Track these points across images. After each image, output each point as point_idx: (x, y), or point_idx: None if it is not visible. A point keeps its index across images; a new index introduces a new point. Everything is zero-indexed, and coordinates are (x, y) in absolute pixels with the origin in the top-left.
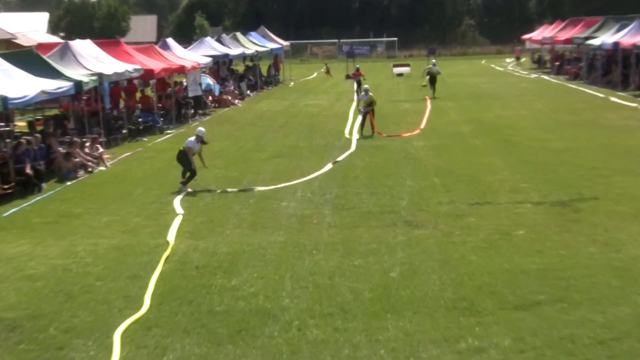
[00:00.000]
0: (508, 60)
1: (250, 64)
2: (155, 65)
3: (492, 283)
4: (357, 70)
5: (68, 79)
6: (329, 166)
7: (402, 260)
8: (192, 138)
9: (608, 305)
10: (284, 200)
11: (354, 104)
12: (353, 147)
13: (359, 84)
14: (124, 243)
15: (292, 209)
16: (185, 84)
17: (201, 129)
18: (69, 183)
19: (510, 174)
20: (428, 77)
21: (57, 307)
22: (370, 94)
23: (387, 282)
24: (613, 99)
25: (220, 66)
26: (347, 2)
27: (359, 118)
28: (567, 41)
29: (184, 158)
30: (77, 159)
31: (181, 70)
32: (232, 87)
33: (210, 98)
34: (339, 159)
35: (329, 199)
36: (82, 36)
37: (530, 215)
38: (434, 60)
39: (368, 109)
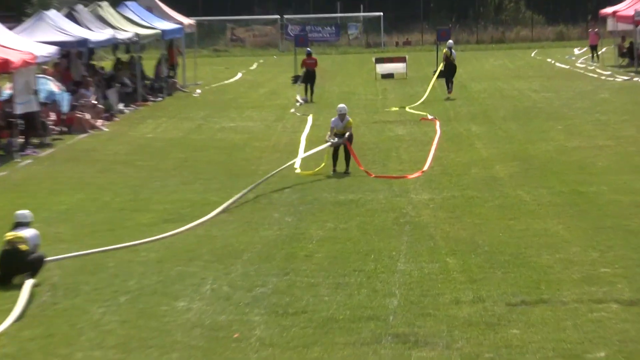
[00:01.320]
0: (577, 51)
1: (125, 57)
2: None
3: None
4: (309, 54)
5: None
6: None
7: None
8: (33, 231)
9: None
10: (181, 298)
11: (308, 123)
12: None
13: (312, 80)
14: None
15: (194, 313)
16: (8, 91)
17: (24, 212)
18: None
19: (581, 251)
20: (442, 65)
21: None
22: (349, 118)
23: None
24: None
25: (72, 61)
26: None
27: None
28: None
29: (15, 262)
30: None
31: (4, 68)
32: (92, 98)
33: (54, 117)
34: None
35: (260, 296)
36: None
37: (617, 324)
38: (450, 41)
39: (342, 141)
